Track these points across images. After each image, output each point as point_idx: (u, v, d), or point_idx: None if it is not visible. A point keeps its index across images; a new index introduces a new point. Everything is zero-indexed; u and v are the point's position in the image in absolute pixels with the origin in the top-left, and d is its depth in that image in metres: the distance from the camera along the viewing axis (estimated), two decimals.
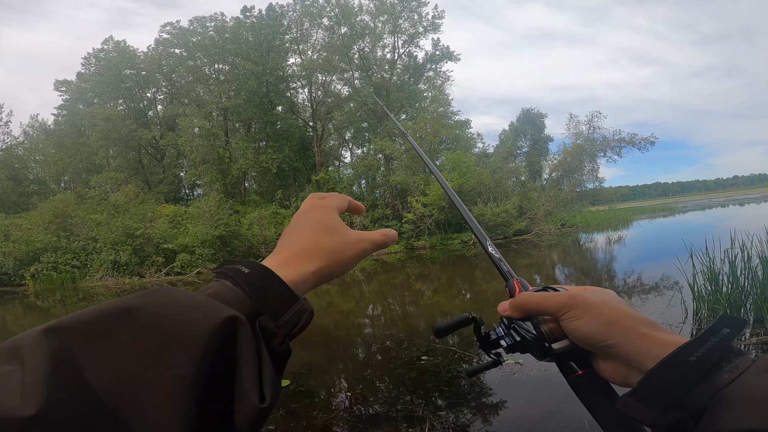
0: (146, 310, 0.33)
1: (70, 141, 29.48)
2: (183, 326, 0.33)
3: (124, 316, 0.32)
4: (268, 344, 0.38)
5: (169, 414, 0.30)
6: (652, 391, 0.38)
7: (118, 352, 0.31)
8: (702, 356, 0.38)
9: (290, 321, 0.40)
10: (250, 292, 0.40)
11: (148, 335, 0.32)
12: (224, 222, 20.71)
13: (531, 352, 0.52)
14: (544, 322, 0.50)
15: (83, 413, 0.28)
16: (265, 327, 0.38)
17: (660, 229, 24.12)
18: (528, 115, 38.99)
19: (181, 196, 31.41)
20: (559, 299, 0.47)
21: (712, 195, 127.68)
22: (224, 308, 0.36)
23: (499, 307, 0.55)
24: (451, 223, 24.33)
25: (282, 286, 0.41)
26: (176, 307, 0.35)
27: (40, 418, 0.25)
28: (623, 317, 0.44)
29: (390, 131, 26.22)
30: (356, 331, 7.17)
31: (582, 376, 0.48)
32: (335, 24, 28.26)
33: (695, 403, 0.37)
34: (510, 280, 0.61)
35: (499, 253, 0.65)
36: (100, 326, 0.31)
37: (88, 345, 0.30)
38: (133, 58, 29.76)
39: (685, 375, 0.37)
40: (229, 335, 0.34)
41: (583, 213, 30.28)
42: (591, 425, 2.89)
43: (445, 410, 3.60)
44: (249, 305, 0.39)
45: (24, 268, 19.67)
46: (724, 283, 5.09)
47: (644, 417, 0.38)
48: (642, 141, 29.50)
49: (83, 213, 21.28)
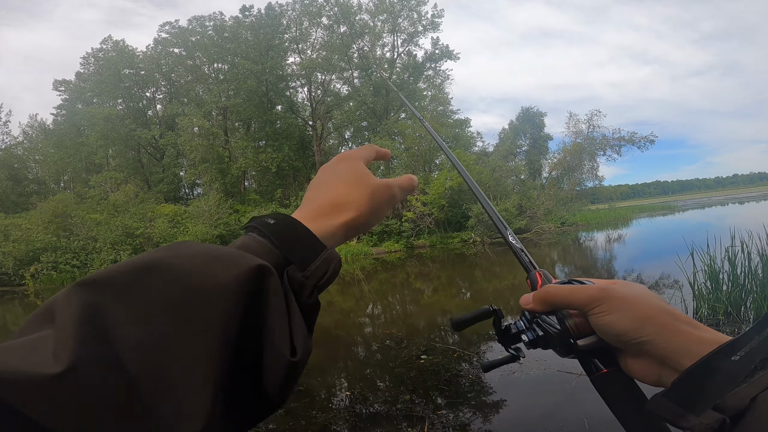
0: (174, 262, 0.32)
1: (69, 141, 29.46)
2: (211, 276, 0.32)
3: (153, 268, 0.32)
4: (297, 295, 0.37)
5: (201, 375, 0.29)
6: (689, 392, 0.36)
7: (147, 308, 0.30)
8: (746, 355, 0.35)
9: (318, 271, 0.39)
10: (276, 242, 0.39)
11: (176, 287, 0.31)
12: (224, 221, 20.73)
13: (554, 348, 0.49)
14: (570, 317, 0.47)
15: (112, 370, 0.27)
16: (293, 277, 0.37)
17: (660, 228, 24.13)
18: (528, 114, 38.99)
19: (180, 195, 31.39)
20: (588, 292, 0.45)
21: (712, 193, 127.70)
22: (251, 258, 0.34)
23: (522, 299, 0.52)
24: (450, 222, 24.32)
25: (309, 236, 0.41)
26: (204, 258, 0.33)
27: (67, 374, 0.26)
28: (660, 313, 0.41)
29: (389, 130, 26.20)
30: (356, 330, 7.17)
31: (607, 374, 0.46)
32: (334, 23, 28.23)
33: (736, 405, 0.34)
34: (531, 271, 0.58)
35: (521, 243, 0.62)
36: (130, 280, 0.31)
37: (118, 300, 0.30)
38: (132, 58, 29.73)
39: (727, 375, 0.35)
40: (257, 285, 0.33)
41: (583, 211, 30.26)
42: (591, 425, 2.88)
43: (445, 409, 3.60)
44: (276, 255, 0.38)
45: (24, 267, 19.66)
46: (724, 281, 5.08)
47: (678, 419, 0.36)
48: (642, 139, 29.53)
49: (83, 213, 21.29)
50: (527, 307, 0.51)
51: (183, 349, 0.30)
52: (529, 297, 0.51)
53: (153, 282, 0.31)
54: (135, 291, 0.30)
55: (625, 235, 20.71)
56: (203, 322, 0.31)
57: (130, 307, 0.30)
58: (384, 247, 23.33)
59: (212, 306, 0.31)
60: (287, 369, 0.34)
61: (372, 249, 23.20)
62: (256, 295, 0.33)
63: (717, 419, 0.34)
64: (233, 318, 0.31)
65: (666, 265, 8.29)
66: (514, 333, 0.53)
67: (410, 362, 4.77)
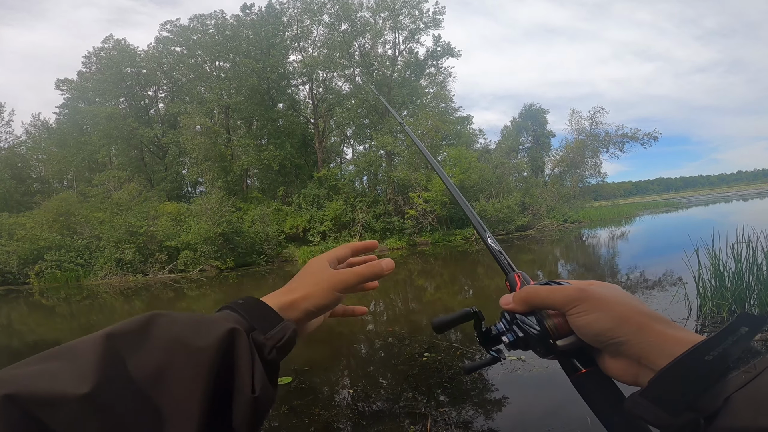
0: (171, 317, 0.43)
1: (72, 140, 29.50)
2: (198, 333, 0.42)
3: (156, 319, 0.42)
4: (260, 353, 0.46)
5: (189, 403, 0.38)
6: (664, 391, 0.36)
7: (151, 346, 0.39)
8: (719, 356, 0.36)
9: (276, 335, 0.48)
10: (244, 315, 0.49)
11: (173, 333, 0.41)
12: (227, 219, 20.73)
13: (534, 348, 0.49)
14: (549, 317, 0.47)
15: (128, 395, 0.35)
16: (256, 339, 0.46)
17: (663, 225, 24.01)
18: (530, 111, 38.84)
19: (183, 193, 31.42)
20: (567, 293, 0.45)
21: (716, 190, 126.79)
22: (227, 323, 0.45)
23: (502, 300, 0.53)
24: (453, 219, 24.28)
25: (269, 310, 0.51)
26: (192, 320, 0.44)
27: (93, 395, 0.32)
28: (636, 313, 0.42)
29: (392, 127, 26.15)
30: (358, 327, 7.17)
31: (586, 374, 0.46)
32: (336, 21, 28.14)
33: (710, 405, 0.35)
34: (510, 273, 0.59)
35: (499, 246, 0.63)
36: (139, 326, 0.40)
37: (130, 340, 0.39)
38: (134, 57, 29.73)
39: (700, 375, 0.35)
40: (231, 342, 0.43)
41: (586, 208, 30.15)
42: (594, 423, 2.87)
43: (448, 407, 3.59)
44: (244, 324, 0.47)
45: (28, 266, 19.76)
46: (728, 278, 5.05)
47: (654, 418, 0.36)
48: (645, 136, 29.33)
49: (86, 211, 21.34)
50: (507, 308, 0.52)
51: (177, 383, 0.38)
52: (509, 297, 0.52)
53: (155, 328, 0.41)
54: (142, 334, 0.40)
55: (628, 232, 20.63)
56: (192, 365, 0.39)
57: (140, 346, 0.39)
58: (386, 244, 23.31)
59: (200, 353, 0.40)
60: (249, 405, 0.41)
61: None
62: (229, 349, 0.43)
63: (691, 419, 0.35)
64: (214, 364, 0.41)
65: (669, 262, 8.24)
66: (495, 335, 0.53)
67: (413, 360, 4.77)
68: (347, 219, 24.65)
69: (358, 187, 28.83)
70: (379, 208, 25.50)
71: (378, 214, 25.24)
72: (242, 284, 15.22)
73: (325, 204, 25.26)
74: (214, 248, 19.87)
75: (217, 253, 19.93)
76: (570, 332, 0.46)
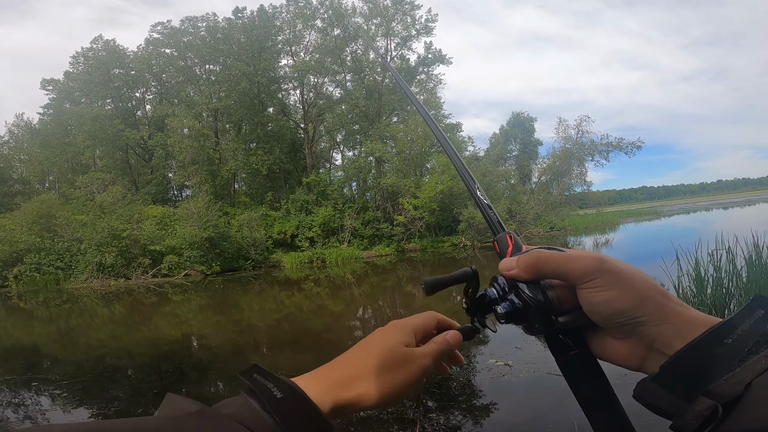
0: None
1: (55, 140, 28.89)
2: None
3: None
4: None
5: None
6: (680, 376, 0.33)
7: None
8: (738, 338, 0.33)
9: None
10: (282, 425, 0.35)
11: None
12: (213, 223, 20.50)
13: (528, 322, 0.43)
14: (551, 288, 0.41)
15: None
16: None
17: (646, 233, 24.56)
18: (518, 119, 39.41)
19: (169, 197, 30.97)
20: (585, 262, 0.39)
21: (697, 199, 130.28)
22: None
23: (503, 264, 0.45)
24: (441, 226, 24.43)
25: (314, 418, 0.38)
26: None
27: None
28: (657, 293, 0.38)
29: (381, 134, 26.27)
30: (346, 333, 7.14)
31: (578, 355, 0.42)
32: (328, 26, 28.26)
33: (729, 391, 0.31)
34: (501, 232, 0.52)
35: (489, 199, 0.56)
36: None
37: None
38: (123, 58, 29.34)
39: (720, 359, 0.33)
40: None
41: (572, 216, 30.66)
42: (580, 426, 2.92)
43: (436, 412, 3.60)
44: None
45: (7, 269, 19.22)
46: (709, 284, 5.19)
47: (667, 404, 0.33)
48: (629, 145, 29.96)
49: (68, 214, 20.90)
50: (509, 274, 0.44)
51: None
52: (512, 261, 0.43)
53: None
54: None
55: (612, 240, 21.04)
56: None
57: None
58: (375, 250, 23.32)
59: None
60: None
61: (363, 253, 23.18)
62: None
63: (709, 406, 0.32)
64: None
65: (650, 269, 8.40)
66: (488, 302, 0.46)
67: None
68: (336, 225, 24.61)
69: (347, 193, 28.82)
70: (368, 215, 25.52)
71: (367, 221, 25.25)
72: (228, 289, 15.04)
73: (313, 210, 25.19)
74: (200, 253, 19.60)
75: (203, 257, 19.67)
76: (574, 308, 0.40)
